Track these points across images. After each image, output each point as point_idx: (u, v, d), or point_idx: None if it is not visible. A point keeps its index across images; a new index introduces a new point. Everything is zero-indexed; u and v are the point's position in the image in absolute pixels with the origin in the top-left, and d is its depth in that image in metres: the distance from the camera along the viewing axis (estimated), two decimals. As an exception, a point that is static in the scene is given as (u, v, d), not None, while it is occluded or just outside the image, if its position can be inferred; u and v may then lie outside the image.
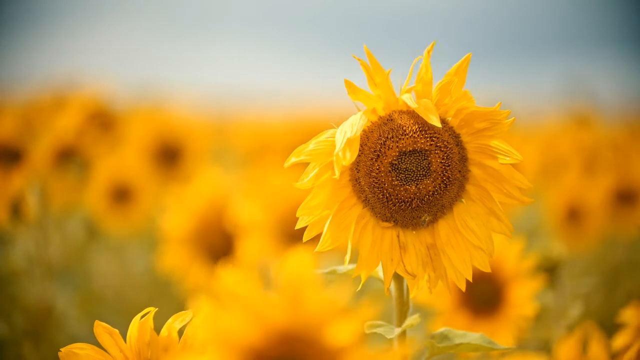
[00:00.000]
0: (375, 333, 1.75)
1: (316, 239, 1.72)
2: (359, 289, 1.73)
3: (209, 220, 4.07)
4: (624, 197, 5.44)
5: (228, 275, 1.30)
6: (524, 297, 2.72)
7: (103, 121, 5.65)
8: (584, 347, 2.24)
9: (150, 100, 7.39)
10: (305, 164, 1.72)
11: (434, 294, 2.75)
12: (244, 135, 8.85)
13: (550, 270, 2.91)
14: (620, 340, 2.21)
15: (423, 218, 1.69)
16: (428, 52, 1.67)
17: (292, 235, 4.55)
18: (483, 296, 2.77)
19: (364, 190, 1.69)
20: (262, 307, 1.30)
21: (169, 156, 5.80)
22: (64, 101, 6.03)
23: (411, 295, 1.77)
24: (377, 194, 1.68)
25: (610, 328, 2.44)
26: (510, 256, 2.75)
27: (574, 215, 5.27)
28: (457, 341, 1.78)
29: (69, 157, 5.06)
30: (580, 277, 4.89)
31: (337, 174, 1.64)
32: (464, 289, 1.72)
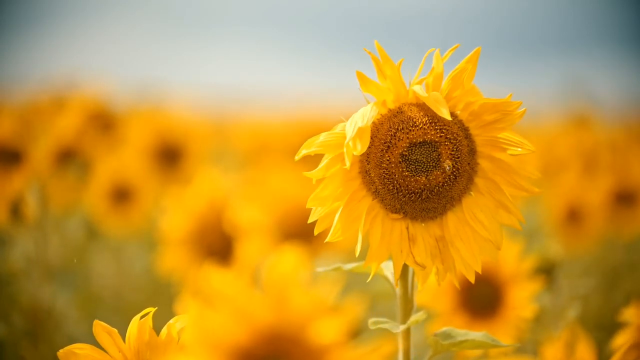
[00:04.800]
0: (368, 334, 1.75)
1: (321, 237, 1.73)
2: (368, 280, 1.75)
3: (209, 221, 4.07)
4: (623, 198, 5.45)
5: (215, 275, 1.30)
6: (523, 298, 2.72)
7: (103, 122, 5.66)
8: (571, 348, 2.25)
9: (150, 100, 7.39)
10: (310, 162, 1.73)
11: (432, 295, 2.76)
12: (244, 136, 8.85)
13: (547, 270, 2.91)
14: (621, 339, 2.22)
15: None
16: (451, 51, 1.69)
17: (291, 236, 4.55)
18: (482, 298, 2.77)
19: (374, 182, 1.71)
20: (248, 307, 1.31)
21: (169, 157, 5.80)
22: (64, 102, 6.02)
23: (419, 287, 1.78)
24: (387, 185, 1.70)
25: (609, 328, 2.44)
26: (510, 257, 2.75)
27: (573, 216, 5.27)
28: (461, 339, 1.80)
29: (68, 158, 5.06)
30: (580, 278, 4.89)
31: (348, 164, 1.65)
32: (473, 280, 1.73)
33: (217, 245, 4.06)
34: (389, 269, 1.81)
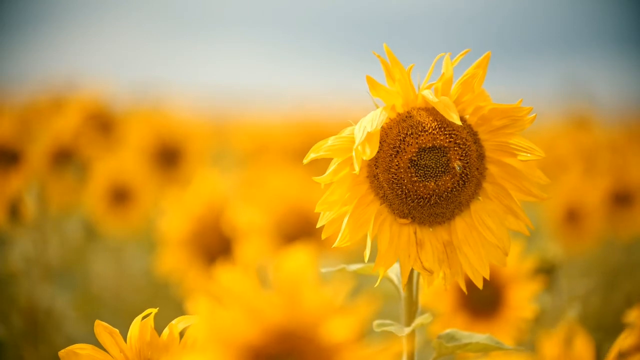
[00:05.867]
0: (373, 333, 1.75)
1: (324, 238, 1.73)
2: (377, 284, 1.74)
3: (208, 222, 4.06)
4: (622, 199, 5.44)
5: (226, 274, 1.30)
6: (523, 299, 2.71)
7: (101, 122, 5.65)
8: (569, 345, 2.24)
9: (148, 101, 7.38)
10: (313, 165, 1.73)
11: (433, 296, 2.76)
12: (243, 137, 8.85)
13: (547, 271, 2.91)
14: (626, 341, 2.21)
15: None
16: (461, 56, 1.68)
17: (290, 237, 4.55)
18: (482, 298, 2.76)
19: (382, 187, 1.71)
20: (260, 305, 1.31)
21: (168, 157, 5.79)
22: (63, 102, 6.02)
23: (425, 290, 1.77)
24: (395, 190, 1.69)
25: (608, 329, 2.44)
26: (510, 258, 2.74)
27: (573, 217, 5.27)
28: (465, 341, 1.80)
29: (67, 158, 5.06)
30: (579, 278, 4.89)
31: (357, 168, 1.65)
32: (481, 286, 1.73)
33: (216, 246, 4.05)
34: (394, 272, 1.81)
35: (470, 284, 1.75)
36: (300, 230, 4.56)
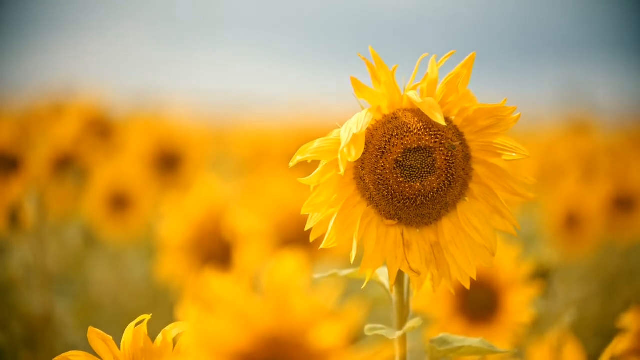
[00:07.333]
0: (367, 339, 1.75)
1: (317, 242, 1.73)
2: (363, 286, 1.74)
3: (207, 227, 4.06)
4: (622, 204, 5.45)
5: (215, 281, 1.30)
6: (520, 303, 2.72)
7: (101, 129, 5.66)
8: (559, 351, 2.25)
9: (148, 107, 7.39)
10: (309, 168, 1.73)
11: (430, 301, 2.76)
12: (242, 142, 8.85)
13: (541, 276, 2.92)
14: (620, 345, 2.22)
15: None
16: (446, 57, 1.69)
17: (290, 242, 4.55)
18: (479, 303, 2.77)
19: (369, 188, 1.71)
20: (249, 312, 1.31)
21: (167, 163, 5.80)
22: (62, 109, 6.03)
23: (414, 293, 1.77)
24: (381, 191, 1.70)
25: (608, 334, 2.44)
26: (507, 263, 2.75)
27: (572, 222, 5.27)
28: (457, 345, 1.79)
29: (66, 165, 5.06)
30: (578, 283, 4.89)
31: (342, 170, 1.65)
32: (468, 287, 1.72)
33: (216, 252, 4.05)
34: (384, 275, 1.81)
35: (465, 288, 1.75)
36: (299, 234, 4.57)
